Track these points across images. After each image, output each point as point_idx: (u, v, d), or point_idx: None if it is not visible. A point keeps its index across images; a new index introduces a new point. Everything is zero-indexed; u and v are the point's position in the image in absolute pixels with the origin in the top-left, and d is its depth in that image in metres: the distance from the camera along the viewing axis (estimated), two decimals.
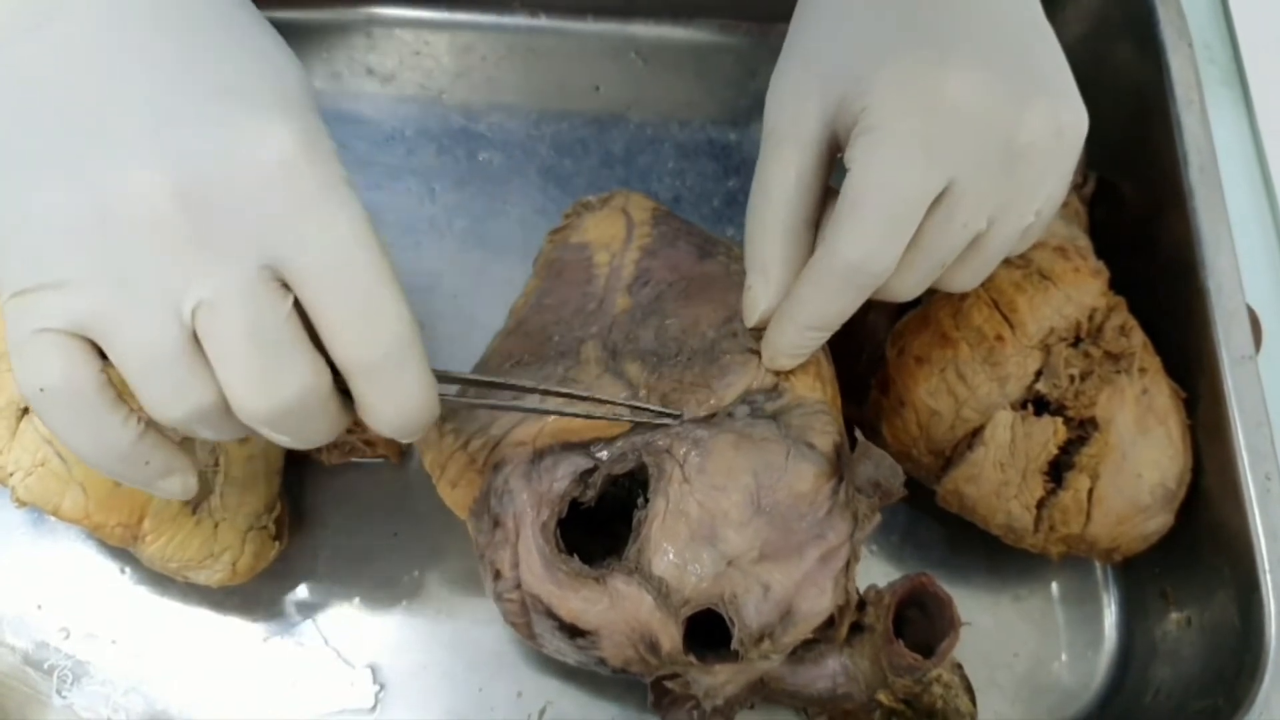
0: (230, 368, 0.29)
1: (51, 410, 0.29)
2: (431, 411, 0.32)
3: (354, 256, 0.29)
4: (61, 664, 0.43)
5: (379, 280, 0.29)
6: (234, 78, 0.29)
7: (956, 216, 0.34)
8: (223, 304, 0.28)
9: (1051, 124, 0.34)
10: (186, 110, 0.28)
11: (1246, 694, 0.40)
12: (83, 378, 0.28)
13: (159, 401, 0.29)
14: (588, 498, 0.36)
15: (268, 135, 0.28)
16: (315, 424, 0.31)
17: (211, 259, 0.28)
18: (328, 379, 0.30)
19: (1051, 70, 0.36)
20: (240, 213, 0.28)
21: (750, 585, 0.35)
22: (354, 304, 0.29)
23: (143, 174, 0.27)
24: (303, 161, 0.28)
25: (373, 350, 0.29)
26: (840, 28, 0.36)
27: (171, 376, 0.29)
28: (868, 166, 0.33)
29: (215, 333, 0.28)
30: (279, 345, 0.29)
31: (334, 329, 0.29)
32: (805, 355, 0.38)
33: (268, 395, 0.29)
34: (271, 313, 0.28)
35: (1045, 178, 0.35)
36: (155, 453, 0.31)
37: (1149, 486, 0.42)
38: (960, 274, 0.37)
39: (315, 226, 0.28)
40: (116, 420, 0.30)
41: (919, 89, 0.33)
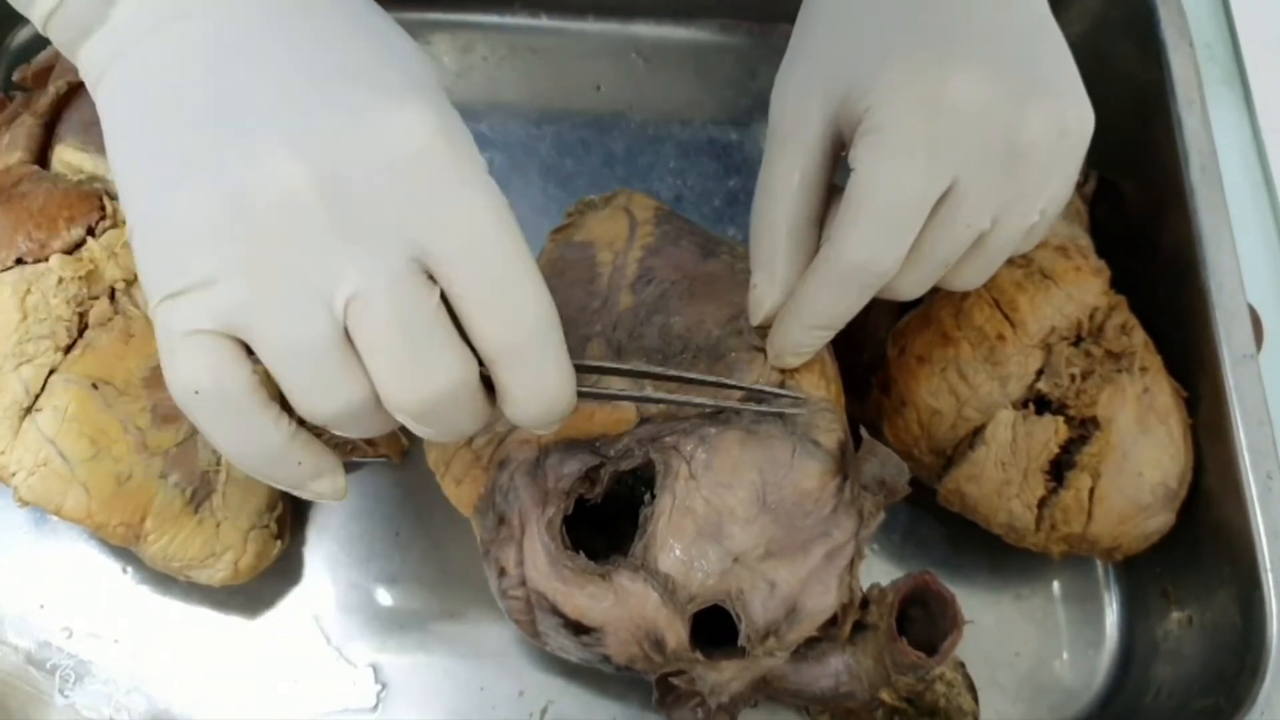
0: (382, 361, 0.28)
1: (204, 413, 0.29)
2: (571, 399, 0.32)
3: (496, 243, 0.28)
4: (64, 663, 0.43)
5: (521, 267, 0.29)
6: (364, 66, 0.28)
7: (960, 216, 0.34)
8: (372, 297, 0.27)
9: (1055, 124, 0.34)
10: (319, 100, 0.28)
11: (1248, 693, 0.40)
12: (234, 378, 0.28)
13: (310, 398, 0.29)
14: (594, 494, 0.36)
15: (405, 123, 0.27)
16: (462, 416, 0.30)
17: (358, 250, 0.27)
18: (475, 369, 0.30)
19: (1056, 70, 0.36)
20: (383, 202, 0.27)
21: (756, 582, 0.35)
22: (498, 290, 0.29)
23: (281, 166, 0.27)
24: (442, 148, 0.28)
25: (516, 334, 0.29)
26: (844, 27, 0.36)
27: (321, 372, 0.28)
28: (872, 167, 0.33)
29: (365, 327, 0.28)
30: (429, 336, 0.28)
31: (478, 316, 0.29)
32: (810, 353, 0.38)
33: (419, 388, 0.29)
34: (420, 304, 0.28)
35: (1049, 177, 0.36)
36: (306, 453, 0.31)
37: (1150, 485, 0.42)
38: (964, 273, 0.37)
39: (458, 214, 0.28)
40: (268, 421, 0.30)
41: (922, 89, 0.33)
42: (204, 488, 0.41)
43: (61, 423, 0.38)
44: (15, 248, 0.40)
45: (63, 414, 0.38)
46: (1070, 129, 0.35)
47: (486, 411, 0.31)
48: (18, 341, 0.39)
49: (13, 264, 0.40)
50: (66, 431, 0.38)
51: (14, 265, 0.40)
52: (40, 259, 0.40)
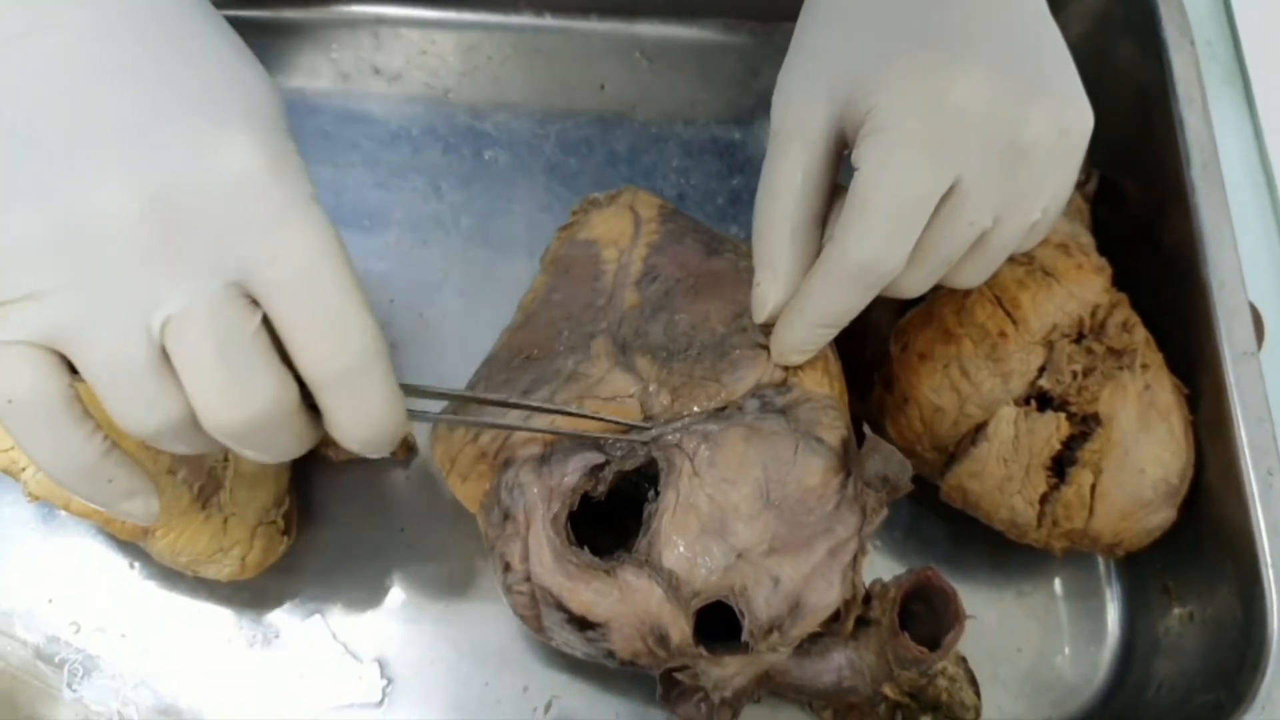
0: (198, 382, 0.29)
1: (18, 422, 0.29)
2: (398, 426, 0.32)
3: (319, 272, 0.29)
4: (72, 658, 0.44)
5: (344, 295, 0.30)
6: (201, 93, 0.29)
7: (963, 215, 0.34)
8: (190, 319, 0.28)
9: (1056, 123, 0.35)
10: (155, 126, 0.28)
11: (1249, 688, 0.40)
12: (50, 390, 0.29)
13: (127, 414, 0.29)
14: (599, 492, 0.36)
15: (234, 151, 0.28)
16: (282, 438, 0.31)
17: (179, 273, 0.28)
18: (294, 393, 0.30)
19: (1057, 69, 0.36)
20: (208, 228, 0.28)
21: (760, 578, 0.36)
22: (319, 317, 0.29)
23: (110, 188, 0.28)
24: (269, 178, 0.29)
25: (337, 363, 0.30)
26: (847, 27, 0.37)
27: (140, 389, 0.29)
28: (876, 167, 0.33)
29: (183, 347, 0.29)
30: (246, 360, 0.29)
31: (299, 342, 0.29)
32: (814, 351, 0.38)
33: (235, 409, 0.29)
34: (238, 328, 0.29)
35: (1050, 176, 0.36)
36: (119, 471, 0.31)
37: (1151, 482, 0.42)
38: (966, 271, 0.37)
39: (281, 242, 0.29)
40: (81, 435, 0.30)
41: (925, 89, 0.33)
42: (211, 484, 0.41)
43: None
44: None
45: None
46: (1071, 128, 0.36)
47: (310, 434, 0.32)
48: None
49: None
50: None
51: None
52: None
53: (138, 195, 0.28)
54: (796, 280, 0.37)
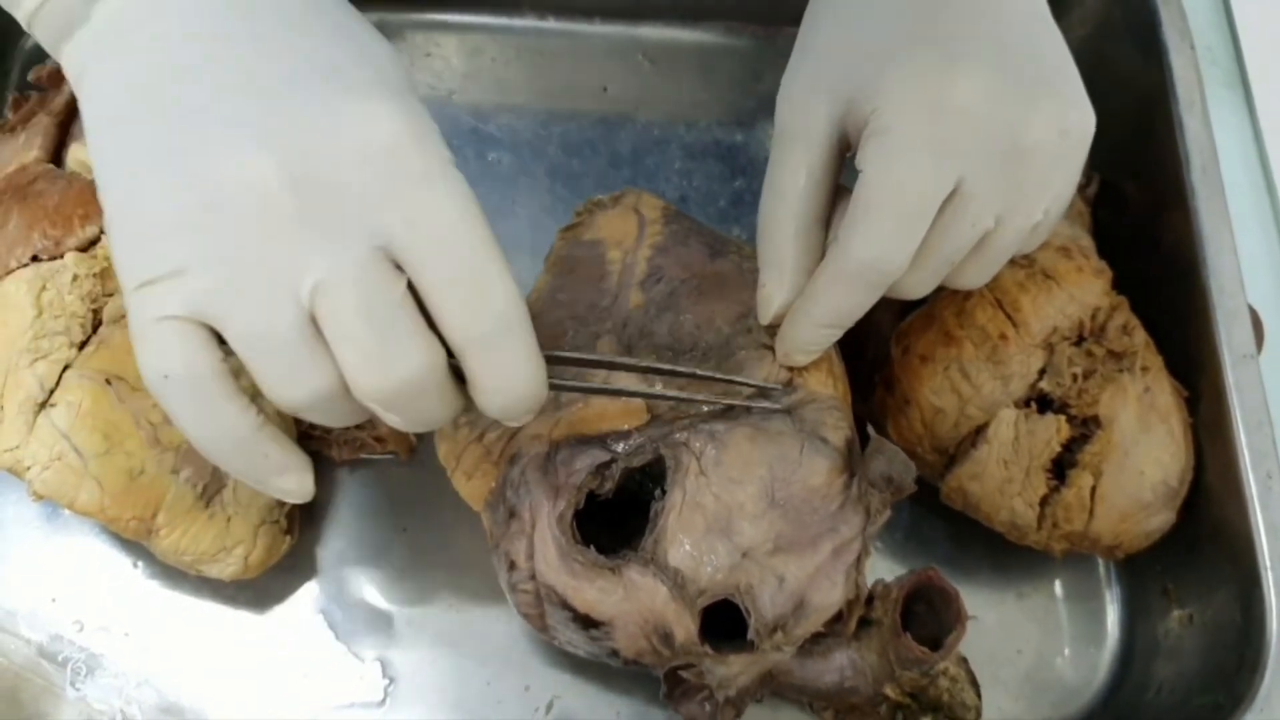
0: (348, 348, 0.29)
1: (173, 397, 0.30)
2: (541, 389, 0.32)
3: (461, 234, 0.29)
4: (75, 656, 0.44)
5: (486, 257, 0.29)
6: (333, 62, 0.29)
7: (966, 215, 0.35)
8: (337, 284, 0.28)
9: (1058, 124, 0.35)
10: (289, 95, 0.28)
11: (1248, 690, 0.40)
12: (202, 363, 0.29)
13: (278, 384, 0.29)
14: (605, 490, 0.37)
15: (372, 117, 0.28)
16: (430, 404, 0.31)
17: (323, 240, 0.28)
18: (442, 358, 0.30)
19: (1058, 71, 0.37)
20: (348, 194, 0.28)
21: (765, 577, 0.36)
22: (463, 280, 0.29)
23: (249, 158, 0.28)
24: (407, 142, 0.29)
25: (483, 324, 0.30)
26: (850, 29, 0.37)
27: (289, 358, 0.29)
28: (881, 168, 0.34)
29: (332, 313, 0.28)
30: (395, 324, 0.29)
31: (445, 305, 0.29)
32: (819, 351, 0.38)
33: (385, 375, 0.29)
34: (385, 292, 0.29)
35: (1052, 177, 0.36)
36: (273, 446, 0.32)
37: (1151, 484, 0.42)
38: (968, 272, 0.37)
39: (423, 206, 0.29)
40: (236, 409, 0.30)
41: (929, 91, 0.34)
42: (215, 483, 0.41)
43: (75, 418, 0.39)
44: (31, 245, 0.41)
45: (76, 409, 0.39)
46: (1072, 130, 0.36)
47: (456, 401, 0.32)
48: (33, 337, 0.39)
49: (28, 261, 0.40)
50: (80, 426, 0.39)
51: (30, 262, 0.40)
52: (55, 256, 0.41)
53: (274, 163, 0.28)
54: (801, 281, 0.37)
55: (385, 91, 0.29)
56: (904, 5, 0.36)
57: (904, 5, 0.36)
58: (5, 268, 0.40)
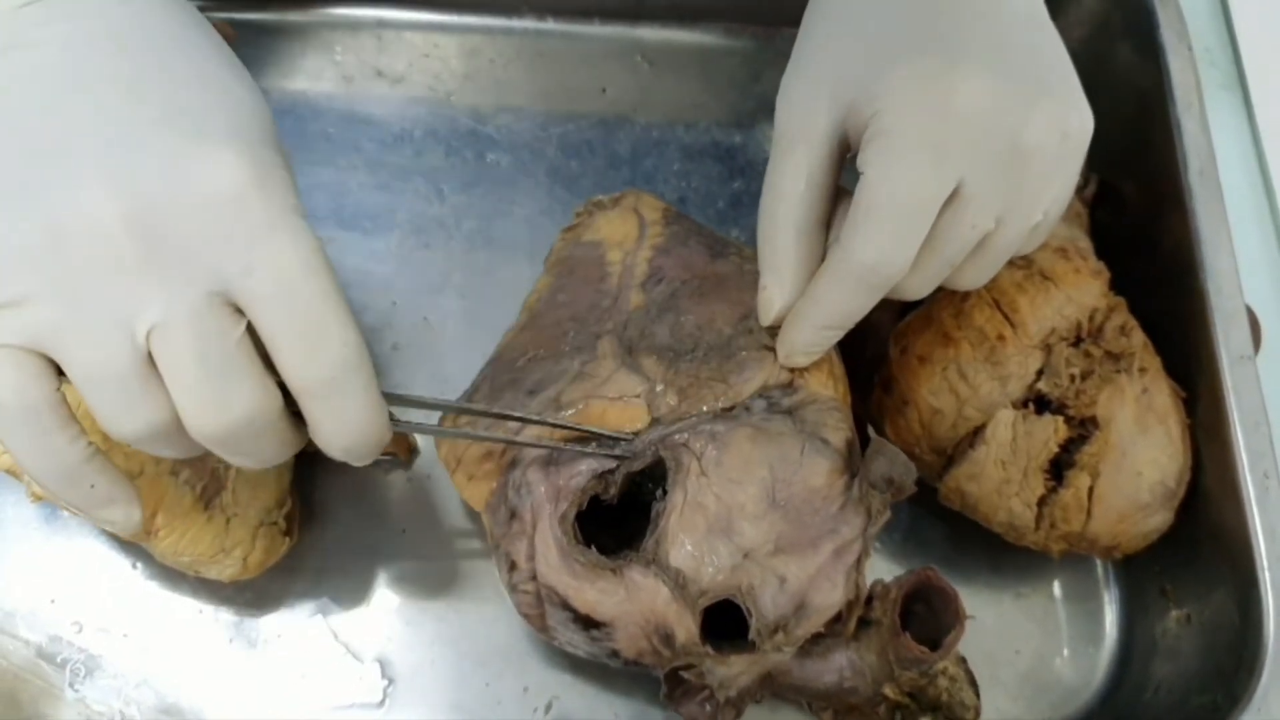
0: (181, 388, 0.29)
1: (3, 423, 0.30)
2: (379, 435, 0.33)
3: (301, 283, 0.30)
4: (74, 657, 0.44)
5: (324, 306, 0.30)
6: (188, 107, 0.30)
7: (966, 217, 0.35)
8: (173, 326, 0.29)
9: (1057, 126, 0.35)
10: (139, 137, 0.29)
11: (1245, 690, 0.40)
12: (34, 393, 0.29)
13: (112, 418, 0.30)
14: (610, 495, 0.37)
15: (215, 164, 0.29)
16: (265, 445, 0.32)
17: (162, 282, 0.29)
18: (277, 401, 0.31)
19: (1057, 73, 0.37)
20: (190, 238, 0.29)
21: (766, 577, 0.36)
22: (299, 328, 0.30)
23: (92, 196, 0.28)
24: (252, 191, 0.29)
25: (317, 372, 0.30)
26: (850, 31, 0.37)
27: (124, 394, 0.29)
28: (881, 171, 0.34)
29: (167, 354, 0.29)
30: (229, 368, 0.30)
31: (281, 352, 0.30)
32: (820, 353, 0.39)
33: (218, 416, 0.30)
34: (221, 337, 0.29)
35: (1052, 179, 0.36)
36: (101, 478, 0.32)
37: (1149, 485, 0.42)
38: (968, 273, 0.38)
39: (261, 254, 0.29)
40: (65, 439, 0.31)
41: (929, 94, 0.34)
42: (214, 484, 0.41)
43: None
44: None
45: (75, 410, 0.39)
46: (1072, 132, 0.36)
47: (293, 441, 0.33)
48: None
49: None
50: None
51: None
52: None
53: (118, 204, 0.28)
54: (802, 283, 0.37)
55: (231, 137, 0.30)
56: (904, 8, 0.36)
57: (904, 8, 0.36)
58: None
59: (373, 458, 0.34)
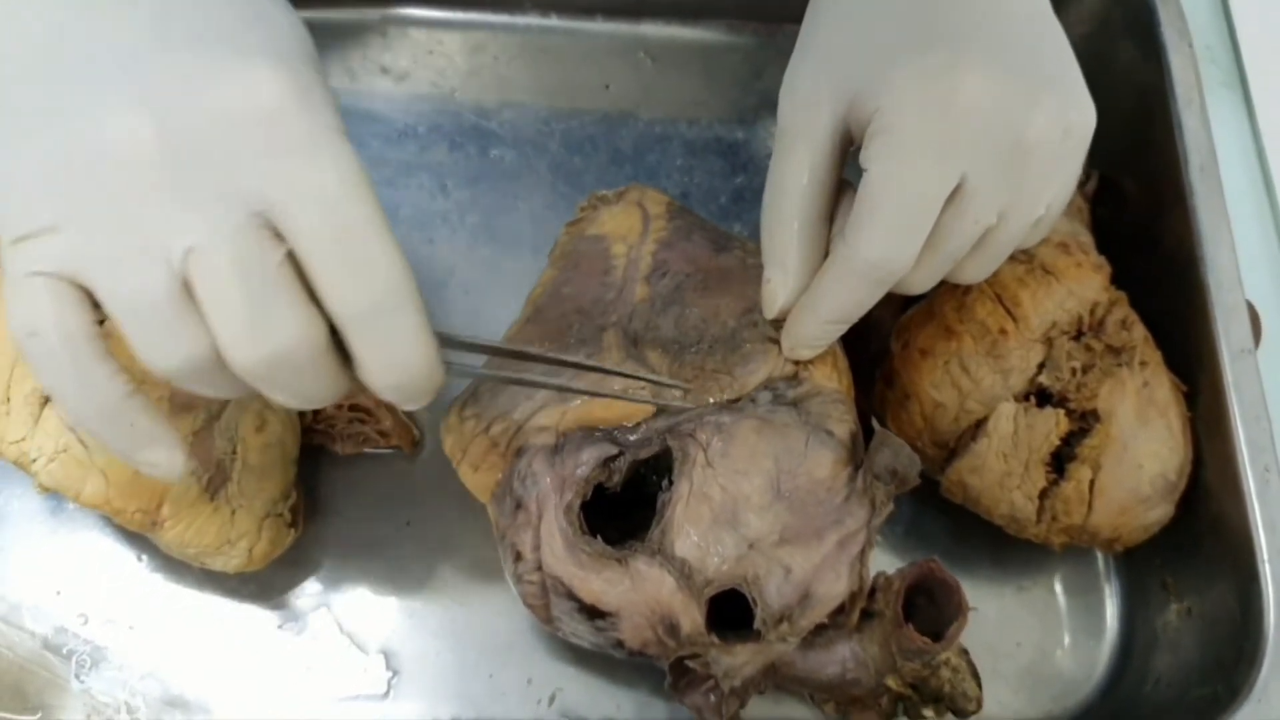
0: (220, 314, 0.28)
1: (41, 355, 0.28)
2: (430, 370, 0.31)
3: (343, 203, 0.28)
4: (80, 649, 0.44)
5: (369, 227, 0.28)
6: (224, 30, 0.29)
7: (969, 213, 0.35)
8: (211, 249, 0.27)
9: (1060, 122, 0.35)
10: (171, 55, 0.28)
11: (1245, 682, 0.40)
12: (72, 322, 0.28)
13: (151, 349, 0.28)
14: (613, 483, 0.37)
15: (253, 79, 0.27)
16: (309, 379, 0.30)
17: (199, 203, 0.27)
18: (322, 331, 0.29)
19: (1060, 68, 0.37)
20: (226, 157, 0.27)
21: (771, 567, 0.36)
22: (344, 251, 0.28)
23: (125, 118, 0.27)
24: (291, 107, 0.28)
25: (363, 299, 0.28)
26: (852, 27, 0.37)
27: (162, 323, 0.28)
28: (886, 168, 0.34)
29: (205, 279, 0.27)
30: (269, 293, 0.28)
31: (324, 277, 0.28)
32: (824, 346, 0.39)
33: (258, 344, 0.28)
34: (261, 259, 0.28)
35: (1054, 174, 0.36)
36: (142, 416, 0.30)
37: (1149, 478, 0.42)
38: (971, 267, 0.38)
39: (303, 173, 0.28)
40: (105, 372, 0.29)
41: (933, 90, 0.34)
42: (220, 476, 0.41)
43: None
44: None
45: None
46: (1074, 127, 0.36)
47: (339, 380, 0.31)
48: None
49: None
50: None
51: None
52: None
53: (151, 122, 0.27)
54: (805, 277, 0.37)
55: (273, 57, 0.28)
56: (906, 3, 0.36)
57: (906, 3, 0.36)
58: None
59: (426, 398, 0.31)
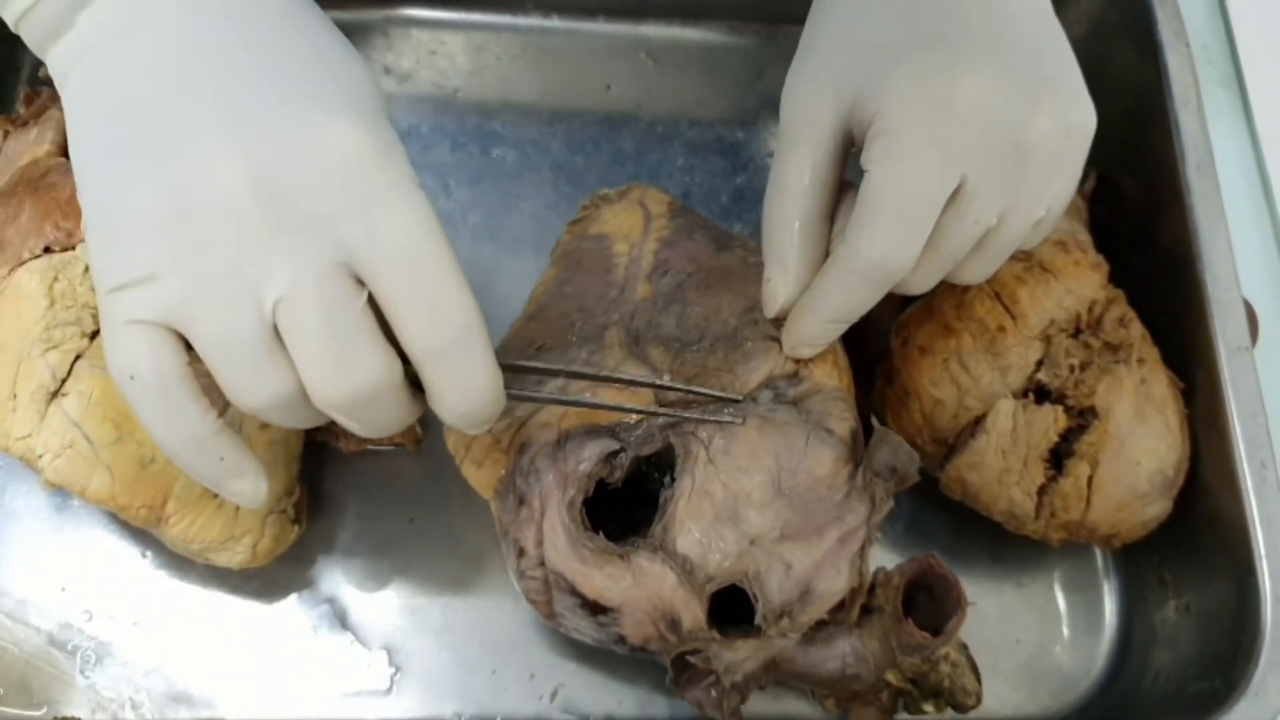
0: (307, 357, 0.30)
1: (138, 398, 0.31)
2: (497, 399, 0.33)
3: (421, 250, 0.30)
4: (84, 645, 0.44)
5: (444, 273, 0.31)
6: (308, 82, 0.31)
7: (969, 213, 0.35)
8: (300, 297, 0.29)
9: (1060, 123, 0.35)
10: (261, 110, 0.30)
11: (1243, 676, 0.41)
12: (168, 367, 0.30)
13: (240, 388, 0.31)
14: (615, 479, 0.37)
15: (339, 134, 0.30)
16: (387, 412, 0.32)
17: (288, 251, 0.29)
18: (399, 369, 0.31)
19: (1061, 70, 0.37)
20: (313, 206, 0.29)
21: (772, 564, 0.36)
22: (421, 294, 0.30)
23: (218, 167, 0.29)
24: (372, 160, 0.30)
25: (440, 337, 0.31)
26: (854, 27, 0.37)
27: (251, 364, 0.30)
28: (886, 169, 0.34)
29: (293, 323, 0.30)
30: (352, 336, 0.30)
31: (403, 319, 0.31)
32: (824, 345, 0.39)
33: (342, 384, 0.30)
34: (345, 305, 0.30)
35: (1054, 175, 0.36)
36: (230, 451, 0.33)
37: (1147, 474, 0.43)
38: (971, 268, 0.38)
39: (384, 222, 0.30)
40: (196, 411, 0.31)
41: (933, 91, 0.34)
42: None
43: (87, 407, 0.39)
44: (43, 236, 0.41)
45: (88, 398, 0.39)
46: (1075, 128, 0.36)
47: (414, 409, 0.33)
48: (45, 327, 0.40)
49: (41, 252, 0.41)
50: (92, 415, 0.39)
51: (42, 254, 0.41)
52: (67, 247, 0.41)
53: (244, 174, 0.29)
54: (806, 276, 0.38)
55: (354, 110, 0.30)
56: (907, 4, 0.37)
57: (907, 4, 0.37)
58: (18, 259, 0.41)
59: (490, 424, 0.34)
